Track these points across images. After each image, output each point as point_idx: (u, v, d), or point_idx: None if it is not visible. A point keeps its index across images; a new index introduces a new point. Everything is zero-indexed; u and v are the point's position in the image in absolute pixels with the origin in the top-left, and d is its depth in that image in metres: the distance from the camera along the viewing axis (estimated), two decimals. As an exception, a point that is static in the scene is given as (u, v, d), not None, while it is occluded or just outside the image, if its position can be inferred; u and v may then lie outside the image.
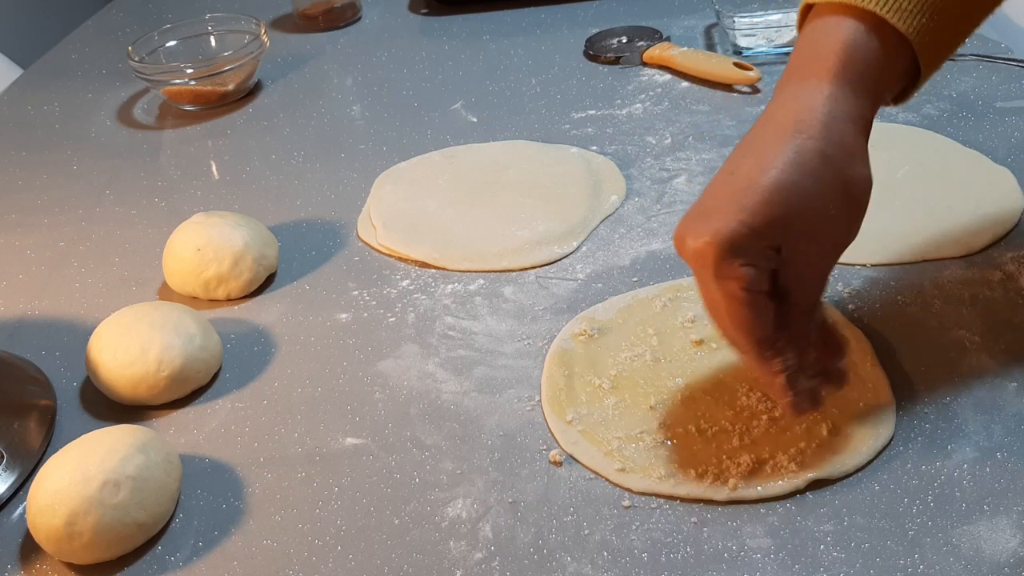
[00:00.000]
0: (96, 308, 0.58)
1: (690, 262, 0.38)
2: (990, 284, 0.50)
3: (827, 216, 0.37)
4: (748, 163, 0.37)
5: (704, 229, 0.36)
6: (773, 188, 0.36)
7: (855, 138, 0.37)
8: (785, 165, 0.36)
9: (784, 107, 0.38)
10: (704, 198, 0.38)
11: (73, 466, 0.41)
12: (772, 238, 0.36)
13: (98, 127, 0.83)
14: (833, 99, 0.37)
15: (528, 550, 0.40)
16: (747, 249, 0.36)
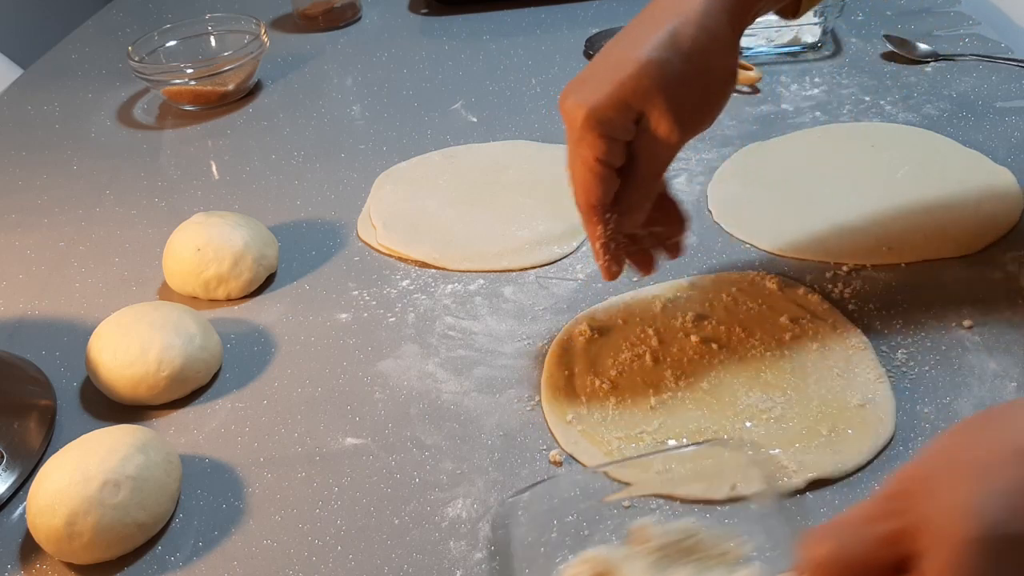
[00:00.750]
0: (96, 308, 0.58)
1: (564, 121, 0.42)
2: (990, 283, 0.50)
3: (689, 96, 0.40)
4: (627, 39, 0.41)
5: (579, 94, 0.41)
6: (644, 61, 0.39)
7: (727, 30, 0.41)
8: (658, 44, 0.40)
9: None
10: (586, 69, 0.42)
11: (73, 466, 0.41)
12: (635, 109, 0.40)
13: (98, 127, 0.83)
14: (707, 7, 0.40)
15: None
16: (611, 120, 0.40)
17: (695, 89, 0.40)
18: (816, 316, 0.49)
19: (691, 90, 0.40)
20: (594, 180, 0.42)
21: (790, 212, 0.59)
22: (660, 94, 0.40)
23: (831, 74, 0.74)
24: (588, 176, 0.42)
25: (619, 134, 0.41)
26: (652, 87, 0.39)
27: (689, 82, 0.40)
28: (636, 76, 0.39)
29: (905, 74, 0.73)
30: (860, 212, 0.57)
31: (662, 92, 0.40)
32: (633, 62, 0.39)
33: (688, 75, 0.40)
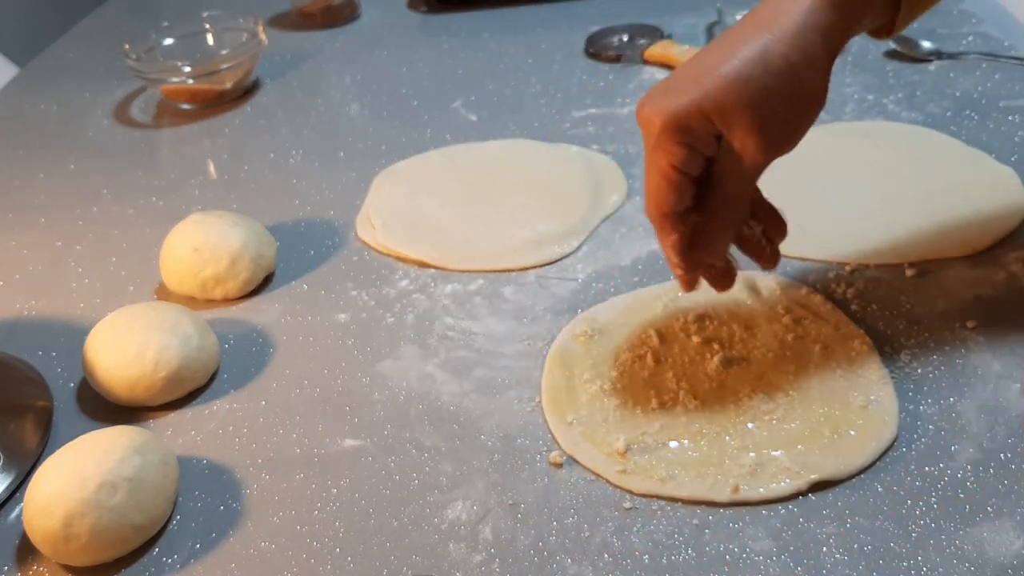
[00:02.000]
0: (93, 308, 0.58)
1: (641, 128, 0.41)
2: (994, 284, 0.50)
3: (775, 116, 0.39)
4: (716, 52, 0.40)
5: (660, 102, 0.40)
6: (732, 76, 0.38)
7: (822, 51, 0.39)
8: (748, 59, 0.38)
9: (764, 8, 0.40)
10: (671, 77, 0.41)
11: (70, 468, 0.41)
12: (718, 124, 0.39)
13: (95, 126, 0.83)
14: (810, 10, 0.39)
15: (528, 552, 0.39)
16: (691, 129, 0.39)
17: (782, 109, 0.39)
18: (819, 317, 0.49)
19: (778, 110, 0.39)
20: (668, 187, 0.40)
21: (792, 212, 0.58)
22: (746, 112, 0.38)
23: (834, 72, 0.73)
24: (662, 183, 0.40)
25: (699, 144, 0.40)
26: (737, 104, 0.38)
27: (776, 102, 0.39)
28: (721, 90, 0.38)
29: (908, 72, 0.72)
30: (863, 212, 0.57)
31: (748, 110, 0.38)
32: (720, 76, 0.38)
33: (776, 94, 0.39)
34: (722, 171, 0.41)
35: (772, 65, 0.38)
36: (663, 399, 0.45)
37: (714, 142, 0.40)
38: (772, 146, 0.40)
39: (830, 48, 0.40)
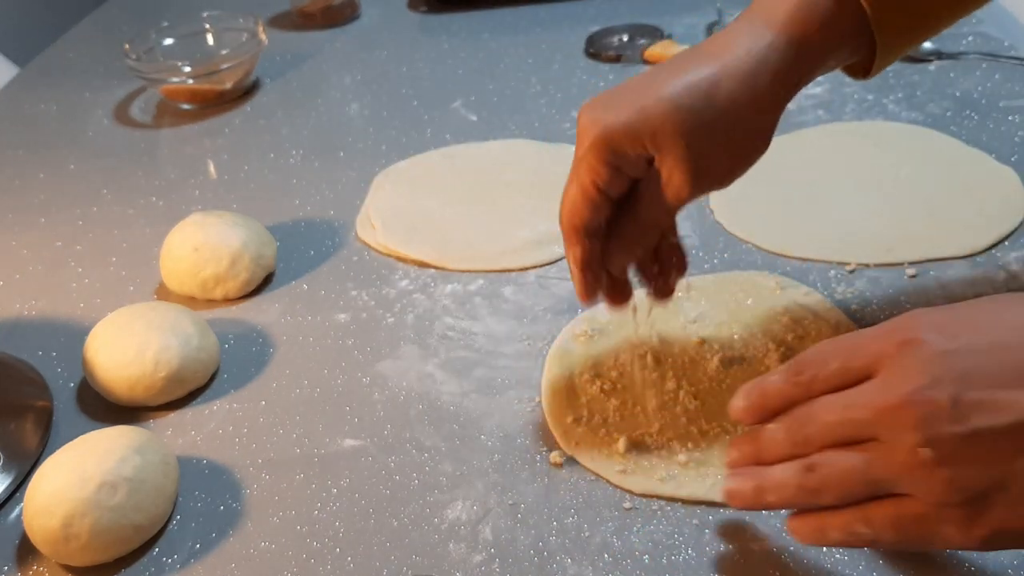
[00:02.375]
0: (93, 308, 0.58)
1: (577, 134, 0.39)
2: (994, 284, 0.50)
3: (711, 153, 0.38)
4: (665, 74, 0.38)
5: (598, 113, 0.38)
6: (674, 104, 0.37)
7: (773, 93, 0.38)
8: (694, 89, 0.37)
9: (723, 36, 0.39)
10: (620, 87, 0.39)
11: (70, 467, 0.41)
12: (650, 149, 0.38)
13: (95, 126, 0.82)
14: (768, 48, 0.38)
15: (528, 552, 0.39)
16: (622, 150, 0.38)
17: (720, 147, 0.38)
18: (818, 316, 0.49)
19: (715, 147, 0.38)
20: (584, 203, 0.39)
21: (792, 212, 0.58)
22: (680, 142, 0.37)
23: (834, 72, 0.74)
24: (579, 197, 0.39)
25: (626, 168, 0.38)
26: (673, 133, 0.37)
27: (716, 139, 0.37)
28: (660, 116, 0.37)
29: (908, 73, 0.72)
30: (863, 212, 0.57)
31: (683, 142, 0.37)
32: (661, 101, 0.37)
33: (716, 131, 0.37)
34: (645, 194, 0.39)
35: (717, 100, 0.37)
36: (663, 399, 0.45)
37: (644, 166, 0.38)
38: (701, 182, 0.38)
39: (784, 90, 0.38)
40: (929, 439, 0.29)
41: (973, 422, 0.28)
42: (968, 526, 0.29)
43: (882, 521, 0.31)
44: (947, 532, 0.30)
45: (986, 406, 0.29)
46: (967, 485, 0.29)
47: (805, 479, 0.33)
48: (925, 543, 0.31)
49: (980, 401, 0.29)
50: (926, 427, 0.29)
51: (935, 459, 0.29)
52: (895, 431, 0.30)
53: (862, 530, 0.31)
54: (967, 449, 0.28)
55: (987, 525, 0.29)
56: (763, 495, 0.34)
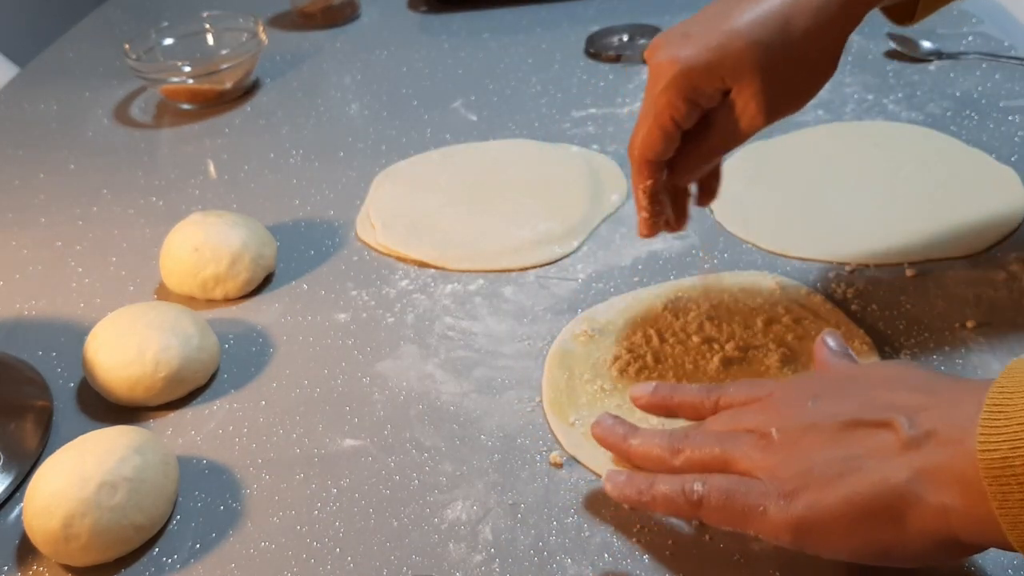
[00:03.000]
0: (93, 308, 0.58)
1: (650, 71, 0.41)
2: (994, 284, 0.50)
3: (786, 83, 0.40)
4: (742, 9, 0.40)
5: (673, 51, 0.40)
6: (752, 40, 0.39)
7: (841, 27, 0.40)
8: (769, 24, 0.39)
9: None
10: (691, 22, 0.41)
11: (70, 468, 0.41)
12: (729, 83, 0.40)
13: (95, 126, 0.82)
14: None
15: (528, 552, 0.39)
16: (700, 85, 0.40)
17: (793, 78, 0.40)
18: (819, 317, 0.49)
19: (789, 78, 0.40)
20: (661, 138, 0.41)
21: (792, 212, 0.58)
22: (757, 77, 0.39)
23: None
24: (656, 132, 0.41)
25: (703, 101, 0.40)
26: (752, 69, 0.39)
27: (790, 70, 0.40)
28: (738, 53, 0.39)
29: (908, 72, 0.72)
30: (863, 212, 0.57)
31: (759, 76, 0.39)
32: (739, 37, 0.39)
33: (790, 63, 0.39)
34: (716, 123, 0.42)
35: (792, 35, 0.39)
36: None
37: (719, 98, 0.41)
38: (774, 112, 0.41)
39: (849, 22, 0.40)
40: (780, 427, 0.35)
41: (816, 418, 0.34)
42: (786, 502, 0.33)
43: (718, 482, 0.35)
44: (768, 506, 0.33)
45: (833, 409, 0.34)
46: (795, 462, 0.33)
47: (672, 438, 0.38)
48: (746, 515, 0.34)
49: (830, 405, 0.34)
50: (781, 419, 0.35)
51: (780, 440, 0.34)
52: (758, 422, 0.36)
53: (696, 487, 0.35)
54: (807, 435, 0.34)
55: (801, 503, 0.32)
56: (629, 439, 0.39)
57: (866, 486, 0.31)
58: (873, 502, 0.31)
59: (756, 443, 0.35)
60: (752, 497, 0.34)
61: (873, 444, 0.32)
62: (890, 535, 0.31)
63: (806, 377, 0.38)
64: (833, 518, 0.32)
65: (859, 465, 0.32)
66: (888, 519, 0.31)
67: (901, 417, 0.32)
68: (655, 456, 0.38)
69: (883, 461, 0.31)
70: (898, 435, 0.31)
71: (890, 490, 0.31)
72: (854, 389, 0.35)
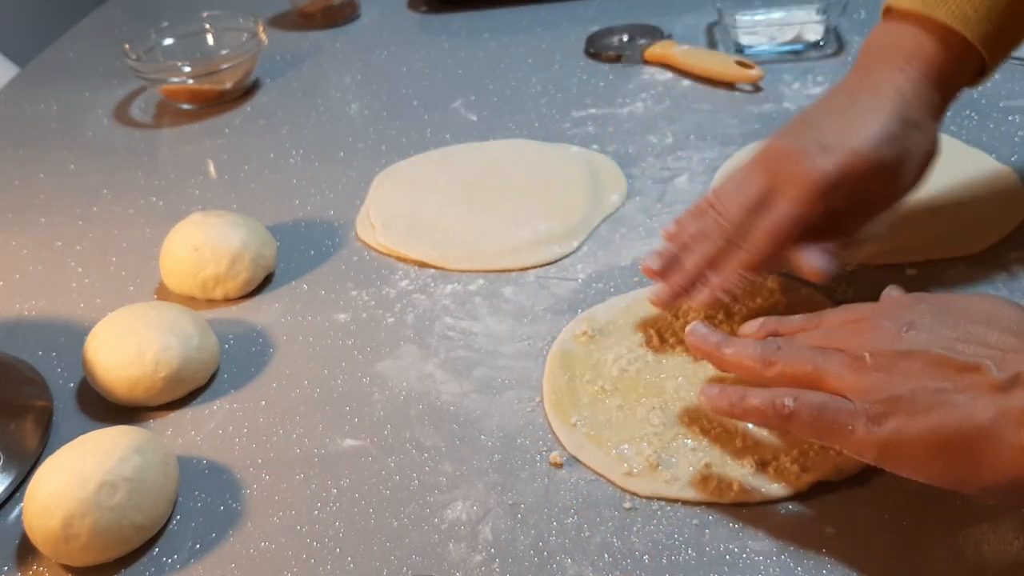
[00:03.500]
0: (93, 308, 0.58)
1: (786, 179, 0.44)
2: (994, 284, 0.50)
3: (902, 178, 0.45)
4: (860, 115, 0.44)
5: (815, 161, 0.43)
6: (879, 156, 0.43)
7: (934, 121, 0.46)
8: (892, 141, 0.43)
9: (885, 82, 0.45)
10: (820, 130, 0.45)
11: (70, 468, 0.41)
12: (862, 185, 0.44)
13: (95, 126, 0.82)
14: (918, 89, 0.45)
15: (528, 552, 0.39)
16: (838, 193, 0.43)
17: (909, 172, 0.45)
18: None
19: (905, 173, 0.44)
20: (796, 230, 0.44)
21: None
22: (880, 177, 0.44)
23: (834, 72, 0.74)
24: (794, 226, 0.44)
25: (837, 204, 0.44)
26: (880, 180, 0.44)
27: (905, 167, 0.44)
28: (869, 167, 0.43)
29: (907, 72, 0.72)
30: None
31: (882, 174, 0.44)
32: (868, 153, 0.43)
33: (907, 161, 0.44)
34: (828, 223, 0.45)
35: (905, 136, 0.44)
36: (664, 399, 0.45)
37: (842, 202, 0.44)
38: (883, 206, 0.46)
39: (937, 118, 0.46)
40: (874, 350, 0.36)
41: (910, 346, 0.35)
42: (874, 424, 0.35)
43: (810, 399, 0.36)
44: (856, 426, 0.35)
45: (926, 339, 0.35)
46: (886, 387, 0.35)
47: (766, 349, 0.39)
48: (834, 432, 0.36)
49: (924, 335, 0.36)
50: (875, 342, 0.36)
51: (873, 364, 0.36)
52: (852, 343, 0.37)
53: (787, 401, 0.36)
54: (899, 362, 0.35)
55: (888, 427, 0.34)
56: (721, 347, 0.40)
57: (951, 420, 0.33)
58: (955, 437, 0.33)
59: (849, 364, 0.36)
60: (842, 416, 0.35)
61: (962, 381, 0.34)
62: (968, 468, 0.33)
63: (902, 303, 0.39)
64: (916, 446, 0.34)
65: (946, 399, 0.33)
66: (968, 454, 0.33)
67: (988, 361, 0.34)
68: (747, 366, 0.39)
69: (971, 399, 0.33)
70: (986, 377, 0.33)
71: (974, 428, 0.33)
72: (948, 321, 0.36)
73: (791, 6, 0.80)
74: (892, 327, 0.37)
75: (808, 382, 0.37)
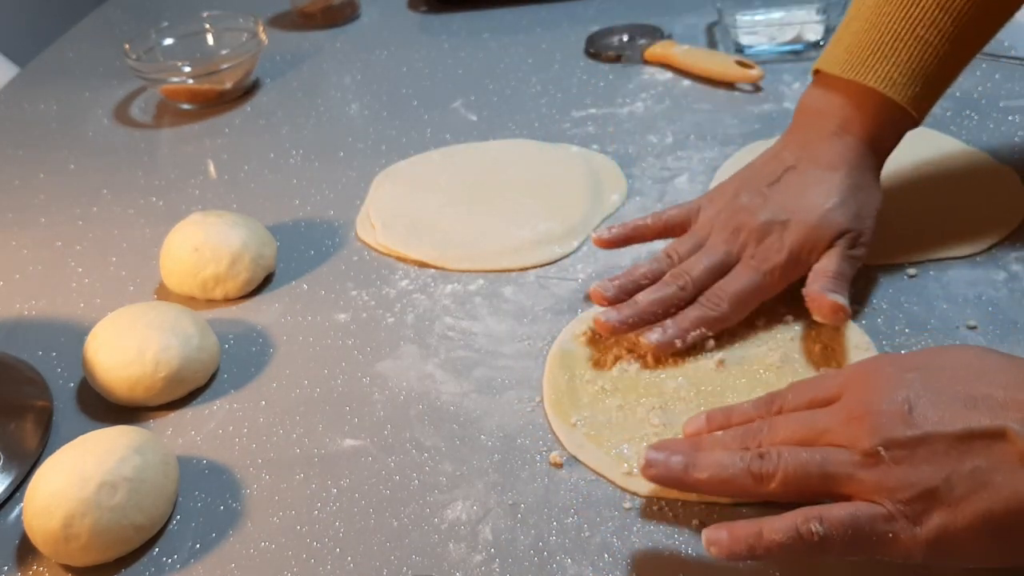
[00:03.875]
0: (93, 308, 0.58)
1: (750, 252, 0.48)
2: (995, 284, 0.50)
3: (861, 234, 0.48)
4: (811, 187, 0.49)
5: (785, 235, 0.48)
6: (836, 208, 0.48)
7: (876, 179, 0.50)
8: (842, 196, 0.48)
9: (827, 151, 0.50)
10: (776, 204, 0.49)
11: (70, 468, 0.41)
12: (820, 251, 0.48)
13: (95, 126, 0.82)
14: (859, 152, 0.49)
15: (528, 552, 0.39)
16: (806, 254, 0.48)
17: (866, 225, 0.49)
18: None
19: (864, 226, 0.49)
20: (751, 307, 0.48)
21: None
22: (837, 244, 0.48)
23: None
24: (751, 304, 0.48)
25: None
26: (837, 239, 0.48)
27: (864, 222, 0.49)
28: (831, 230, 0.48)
29: (907, 72, 0.72)
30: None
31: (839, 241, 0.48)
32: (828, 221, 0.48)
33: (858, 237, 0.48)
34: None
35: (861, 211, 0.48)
36: (664, 399, 0.45)
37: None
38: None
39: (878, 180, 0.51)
40: (886, 441, 0.33)
41: (924, 428, 0.32)
42: (915, 525, 0.32)
43: (838, 517, 0.33)
44: (897, 531, 0.32)
45: (937, 415, 0.33)
46: (917, 482, 0.32)
47: (753, 464, 0.35)
48: (874, 545, 0.33)
49: (932, 411, 0.33)
50: (884, 431, 0.33)
51: (891, 457, 0.33)
52: (854, 436, 0.34)
53: (814, 527, 0.33)
54: (919, 449, 0.32)
55: (933, 525, 0.32)
56: (690, 471, 0.36)
57: (999, 502, 0.31)
58: (1007, 517, 0.31)
59: (862, 462, 0.33)
60: (879, 525, 0.32)
61: (993, 455, 0.31)
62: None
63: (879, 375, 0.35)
64: (967, 537, 0.31)
65: (986, 480, 0.31)
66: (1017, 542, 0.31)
67: (1012, 424, 0.31)
68: (737, 486, 0.36)
69: (1011, 472, 0.31)
70: (1015, 445, 0.31)
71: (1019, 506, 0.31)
72: (946, 389, 0.33)
73: (791, 6, 0.80)
74: (891, 409, 0.33)
75: (817, 490, 0.34)
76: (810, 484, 0.34)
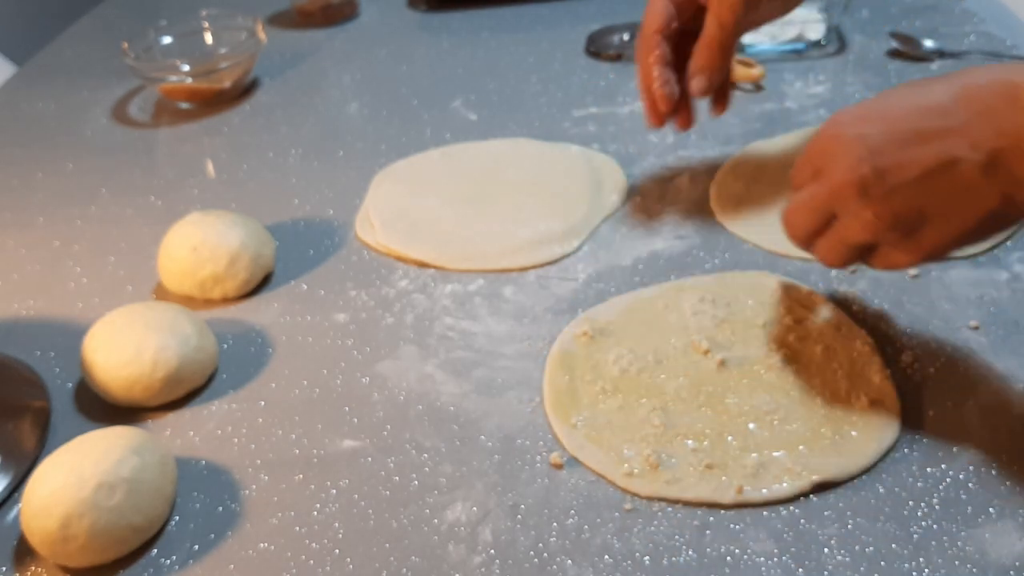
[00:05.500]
0: (91, 308, 0.58)
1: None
2: (996, 284, 0.50)
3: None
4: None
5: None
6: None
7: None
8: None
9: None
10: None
11: (68, 468, 0.41)
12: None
13: (93, 125, 0.82)
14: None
15: (528, 554, 0.39)
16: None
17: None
18: (820, 317, 0.49)
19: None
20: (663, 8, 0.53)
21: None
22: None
23: (836, 72, 0.74)
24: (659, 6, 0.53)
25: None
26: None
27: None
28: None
29: (910, 72, 0.72)
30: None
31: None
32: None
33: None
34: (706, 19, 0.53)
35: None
36: (664, 400, 0.45)
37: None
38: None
39: None
40: (868, 200, 0.39)
41: (890, 181, 0.38)
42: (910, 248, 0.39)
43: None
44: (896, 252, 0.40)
45: (896, 167, 0.38)
46: (900, 218, 0.39)
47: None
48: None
49: (891, 164, 0.38)
50: (863, 193, 0.39)
51: (876, 214, 0.39)
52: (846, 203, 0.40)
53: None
54: (894, 199, 0.38)
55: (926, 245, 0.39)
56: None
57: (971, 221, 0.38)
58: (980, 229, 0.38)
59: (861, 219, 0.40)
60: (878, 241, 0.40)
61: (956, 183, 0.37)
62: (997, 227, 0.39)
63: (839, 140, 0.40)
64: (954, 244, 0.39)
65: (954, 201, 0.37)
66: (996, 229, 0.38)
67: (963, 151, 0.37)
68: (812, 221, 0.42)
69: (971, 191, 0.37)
70: (970, 166, 0.37)
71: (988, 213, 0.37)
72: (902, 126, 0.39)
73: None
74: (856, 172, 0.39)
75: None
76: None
